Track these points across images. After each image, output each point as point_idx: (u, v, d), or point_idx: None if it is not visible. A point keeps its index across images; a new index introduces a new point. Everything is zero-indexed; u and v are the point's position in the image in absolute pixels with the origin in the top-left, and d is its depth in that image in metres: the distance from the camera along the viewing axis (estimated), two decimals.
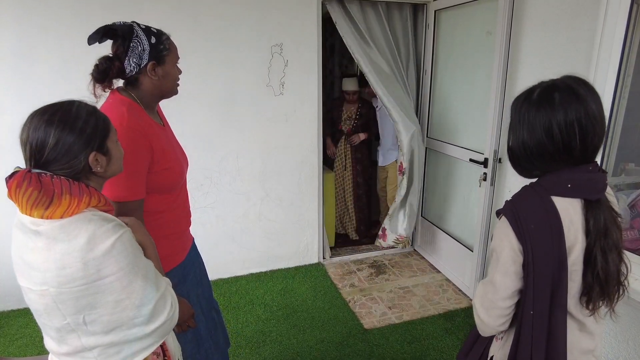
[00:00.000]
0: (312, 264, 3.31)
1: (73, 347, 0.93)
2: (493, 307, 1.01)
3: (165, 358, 1.11)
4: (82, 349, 0.93)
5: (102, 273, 0.87)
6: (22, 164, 0.91)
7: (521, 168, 1.03)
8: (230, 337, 2.42)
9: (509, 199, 1.03)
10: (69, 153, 0.87)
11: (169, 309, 0.97)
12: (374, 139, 3.70)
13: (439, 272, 3.22)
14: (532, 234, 0.94)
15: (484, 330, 1.06)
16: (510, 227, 0.96)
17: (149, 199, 1.27)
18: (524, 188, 1.02)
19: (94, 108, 0.95)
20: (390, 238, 3.41)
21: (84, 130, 0.89)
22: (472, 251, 2.78)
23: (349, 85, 3.46)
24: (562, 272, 0.93)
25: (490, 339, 1.17)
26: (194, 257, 1.58)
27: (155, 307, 0.94)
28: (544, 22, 2.13)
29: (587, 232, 0.94)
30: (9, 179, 0.85)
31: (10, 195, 0.85)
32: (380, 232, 3.48)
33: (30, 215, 0.85)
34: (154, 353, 1.03)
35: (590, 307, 0.98)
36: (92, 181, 0.94)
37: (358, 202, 3.68)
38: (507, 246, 0.97)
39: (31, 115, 0.89)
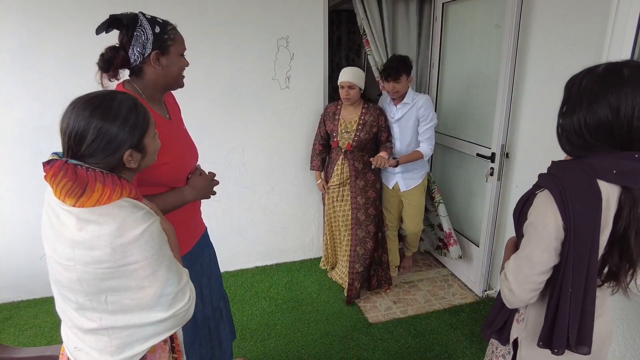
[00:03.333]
0: (317, 257, 3.31)
1: (89, 323, 0.95)
2: (528, 281, 1.02)
3: (173, 345, 1.13)
4: (99, 327, 0.94)
5: (128, 260, 0.88)
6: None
7: (572, 146, 1.00)
8: (236, 329, 2.44)
9: (545, 172, 1.03)
10: (106, 150, 0.89)
11: (187, 301, 0.98)
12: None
13: (444, 266, 3.21)
14: (577, 213, 0.94)
15: (513, 302, 1.07)
16: (556, 204, 0.96)
17: (152, 190, 1.28)
18: (569, 164, 1.00)
19: (135, 103, 0.95)
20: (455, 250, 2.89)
21: (122, 129, 0.90)
22: (478, 246, 2.77)
23: (345, 74, 2.44)
24: (596, 252, 0.96)
25: (512, 311, 1.19)
26: (204, 246, 1.58)
27: (174, 298, 0.95)
28: (554, 14, 2.10)
29: (617, 217, 0.96)
30: (46, 164, 0.87)
31: (46, 179, 0.87)
32: (444, 242, 2.96)
33: (63, 202, 0.87)
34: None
35: (614, 284, 1.03)
36: (124, 173, 0.96)
37: (358, 247, 2.66)
38: (551, 222, 0.97)
39: (72, 104, 0.90)
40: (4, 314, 2.60)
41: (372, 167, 2.43)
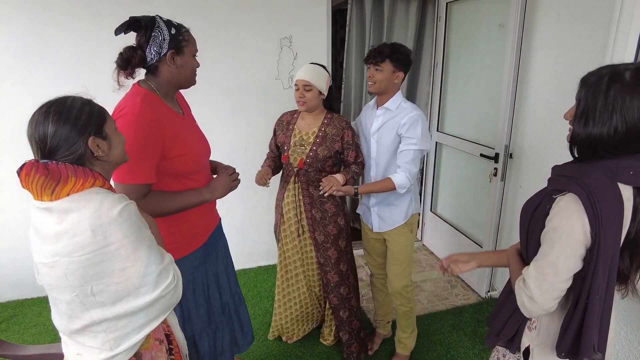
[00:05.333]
0: None
1: (82, 321, 0.97)
2: (553, 289, 0.98)
3: (171, 347, 1.13)
4: (91, 323, 0.96)
5: (109, 240, 0.91)
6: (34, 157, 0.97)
7: (593, 155, 0.97)
8: None
9: (558, 176, 1.01)
10: (68, 140, 0.93)
11: (172, 279, 1.01)
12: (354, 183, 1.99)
13: None
14: (604, 218, 0.91)
15: (533, 311, 1.02)
16: (584, 209, 0.93)
17: (170, 183, 1.36)
18: (587, 167, 0.98)
19: (89, 100, 1.01)
20: None
21: (78, 118, 0.94)
22: (482, 247, 2.76)
23: (301, 71, 1.92)
24: (617, 257, 0.95)
25: (524, 319, 1.15)
26: (218, 237, 1.68)
27: (159, 276, 0.98)
28: (557, 15, 2.09)
29: (632, 220, 0.96)
30: (19, 170, 0.92)
31: (23, 185, 0.92)
32: None
33: (41, 200, 0.92)
34: (156, 339, 1.05)
35: (623, 287, 1.02)
36: (96, 167, 0.99)
37: (330, 294, 2.10)
38: (578, 228, 0.93)
39: (33, 114, 0.96)
40: (8, 312, 2.62)
41: (320, 191, 1.80)
